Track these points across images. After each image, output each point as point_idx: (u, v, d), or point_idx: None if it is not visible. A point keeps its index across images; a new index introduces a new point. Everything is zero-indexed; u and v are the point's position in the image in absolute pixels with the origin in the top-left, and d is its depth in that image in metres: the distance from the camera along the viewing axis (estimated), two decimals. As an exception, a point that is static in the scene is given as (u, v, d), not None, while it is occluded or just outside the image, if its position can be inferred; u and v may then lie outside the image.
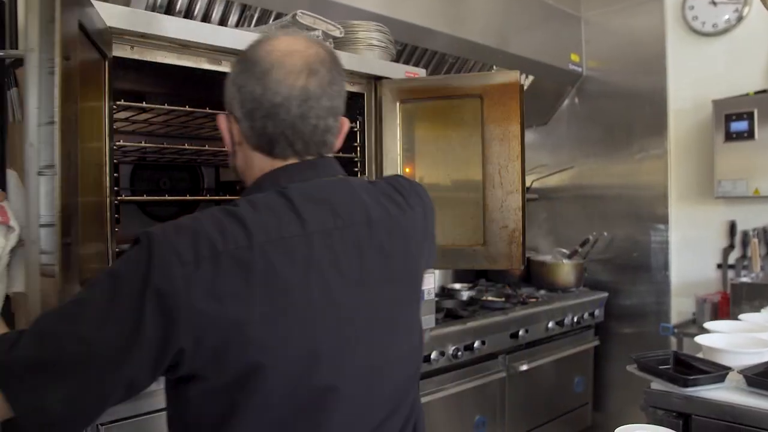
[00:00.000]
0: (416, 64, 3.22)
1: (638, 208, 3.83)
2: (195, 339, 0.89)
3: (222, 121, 1.13)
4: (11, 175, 1.24)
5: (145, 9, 2.06)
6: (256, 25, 2.45)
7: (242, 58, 1.09)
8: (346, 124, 1.17)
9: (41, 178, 1.03)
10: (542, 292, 3.74)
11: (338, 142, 1.17)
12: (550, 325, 3.38)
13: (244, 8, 2.43)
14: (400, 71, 2.33)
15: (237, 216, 0.96)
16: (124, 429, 1.64)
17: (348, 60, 2.15)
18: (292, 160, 1.09)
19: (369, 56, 2.28)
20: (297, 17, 1.92)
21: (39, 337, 0.90)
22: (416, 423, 1.19)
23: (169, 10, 2.23)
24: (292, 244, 0.97)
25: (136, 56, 1.71)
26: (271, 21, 2.42)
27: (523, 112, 2.23)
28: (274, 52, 1.05)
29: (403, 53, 3.16)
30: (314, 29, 1.99)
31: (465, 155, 2.29)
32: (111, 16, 1.61)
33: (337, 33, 2.05)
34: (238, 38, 1.87)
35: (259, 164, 1.10)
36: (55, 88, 1.04)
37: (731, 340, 1.99)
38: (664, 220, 3.73)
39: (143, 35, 1.70)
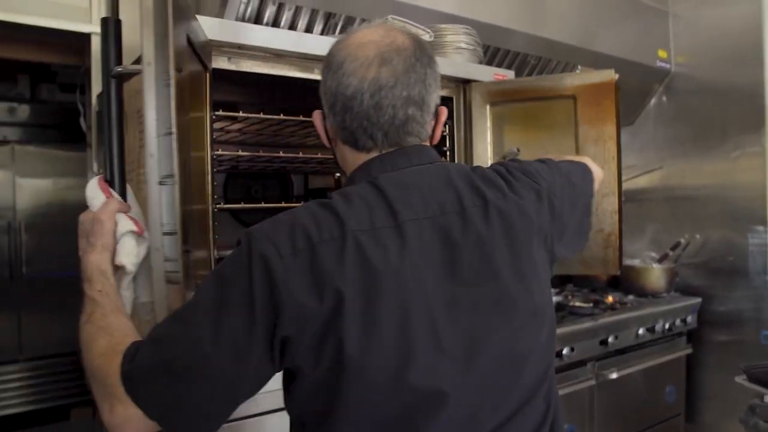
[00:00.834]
0: (499, 66, 3.18)
1: (734, 209, 3.65)
2: (298, 328, 0.91)
3: (316, 117, 1.15)
4: (128, 187, 1.29)
5: (235, 20, 2.11)
6: (340, 33, 2.47)
7: (326, 55, 1.12)
8: (443, 113, 1.17)
9: (162, 187, 1.06)
10: (631, 297, 3.62)
11: (435, 133, 1.17)
12: (641, 331, 3.26)
13: (328, 17, 2.45)
14: (488, 74, 2.30)
15: (331, 207, 0.97)
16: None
17: (439, 64, 2.14)
18: (376, 152, 1.09)
19: (458, 59, 2.26)
20: (388, 23, 1.92)
21: (156, 342, 0.94)
22: (553, 426, 1.14)
23: (257, 21, 2.28)
24: (384, 234, 0.96)
25: (233, 67, 1.75)
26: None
27: (619, 112, 2.16)
28: (348, 46, 1.07)
29: (486, 55, 3.13)
30: (404, 34, 1.99)
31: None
32: (209, 28, 1.65)
33: (427, 37, 2.05)
34: (324, 44, 1.88)
35: (350, 158, 1.11)
36: (171, 100, 1.07)
37: None
38: (763, 221, 3.54)
39: (240, 46, 1.74)
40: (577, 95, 2.19)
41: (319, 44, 1.86)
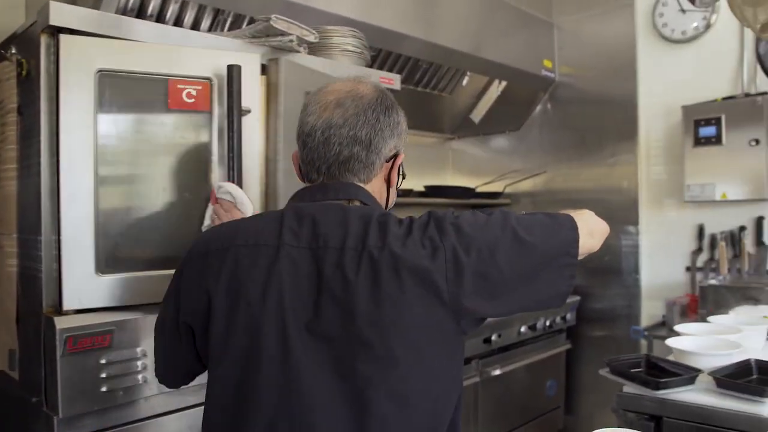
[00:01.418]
0: (390, 70, 3.23)
1: (609, 212, 3.80)
2: (191, 312, 1.15)
3: (294, 155, 1.30)
4: None
5: (116, 12, 2.03)
6: (229, 29, 2.43)
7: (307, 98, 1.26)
8: (399, 158, 1.28)
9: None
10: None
11: (391, 175, 1.28)
12: (523, 329, 3.39)
13: (217, 13, 2.41)
14: (374, 77, 2.33)
15: (239, 223, 1.21)
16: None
17: (321, 65, 2.14)
18: (315, 182, 1.22)
19: (344, 62, 2.27)
20: (271, 22, 1.91)
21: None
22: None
23: (140, 13, 2.20)
24: (261, 251, 1.10)
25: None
26: (244, 25, 2.40)
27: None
28: (318, 93, 1.22)
29: (378, 58, 3.16)
30: (288, 34, 1.97)
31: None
32: (78, 18, 1.58)
33: (311, 38, 2.04)
34: (210, 43, 1.85)
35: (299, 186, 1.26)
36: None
37: (701, 343, 2.02)
38: (635, 223, 3.78)
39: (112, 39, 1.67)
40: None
41: (205, 41, 1.83)
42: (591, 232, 1.27)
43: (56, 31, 1.55)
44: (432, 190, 4.01)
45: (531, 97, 4.18)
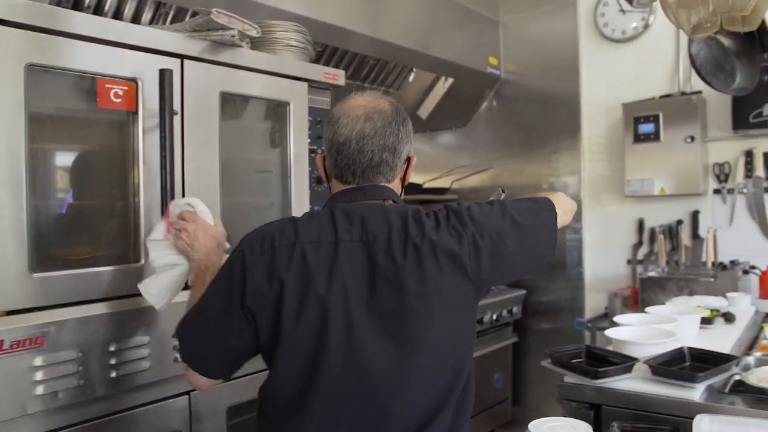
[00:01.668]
0: (337, 66, 3.22)
1: (554, 208, 3.94)
2: (259, 297, 1.32)
3: (319, 159, 1.56)
4: None
5: (50, 3, 1.96)
6: (171, 23, 2.39)
7: (329, 115, 1.51)
8: (413, 160, 1.55)
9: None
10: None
11: (406, 175, 1.55)
12: (471, 323, 3.42)
13: (158, 6, 2.36)
14: (318, 72, 2.31)
15: (295, 223, 1.38)
16: None
17: (265, 61, 2.12)
18: (351, 185, 1.45)
19: (287, 57, 2.25)
20: (212, 16, 1.88)
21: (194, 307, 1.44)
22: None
23: (77, 5, 2.14)
24: (324, 247, 1.34)
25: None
26: (187, 19, 2.36)
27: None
28: (344, 108, 1.46)
29: (324, 54, 3.15)
30: (230, 28, 1.94)
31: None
32: (9, 7, 1.52)
33: (253, 33, 2.01)
34: (150, 37, 1.80)
35: (335, 188, 1.49)
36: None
37: (638, 332, 2.08)
38: (578, 218, 3.87)
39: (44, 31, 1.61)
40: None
41: (146, 36, 1.78)
42: (564, 210, 1.59)
43: (-17, 21, 1.49)
44: (380, 187, 4.01)
45: (477, 94, 4.23)
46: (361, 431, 1.31)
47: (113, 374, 1.64)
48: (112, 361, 1.63)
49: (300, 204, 2.24)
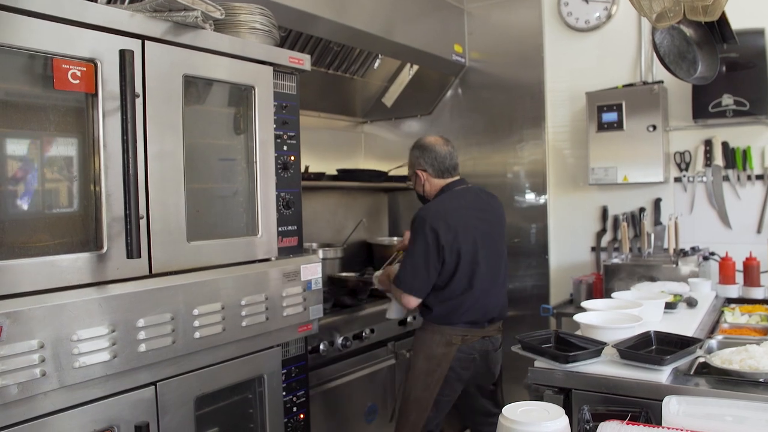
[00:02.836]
0: (301, 51, 3.16)
1: (519, 196, 3.98)
2: (446, 241, 2.60)
3: (419, 174, 2.80)
4: None
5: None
6: (130, 3, 2.31)
7: (419, 144, 2.84)
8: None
9: None
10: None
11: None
12: (438, 310, 3.43)
13: (115, -15, 2.28)
14: (283, 56, 2.26)
15: (443, 200, 2.72)
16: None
17: (230, 44, 2.07)
18: (449, 179, 2.79)
19: (251, 40, 2.20)
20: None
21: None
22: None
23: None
24: (460, 211, 2.67)
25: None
26: None
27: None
28: (431, 141, 2.81)
29: (288, 39, 3.10)
30: (192, 9, 1.88)
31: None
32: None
33: (217, 14, 1.96)
34: (111, 16, 1.73)
35: (438, 183, 2.78)
36: None
37: (605, 317, 2.10)
38: (543, 206, 3.90)
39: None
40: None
41: (105, 15, 1.71)
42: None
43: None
44: (344, 174, 3.99)
45: (442, 82, 4.22)
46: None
47: (77, 364, 1.58)
48: (75, 351, 1.57)
49: (266, 190, 2.19)
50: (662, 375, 1.70)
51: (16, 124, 1.64)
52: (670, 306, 2.43)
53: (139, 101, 1.77)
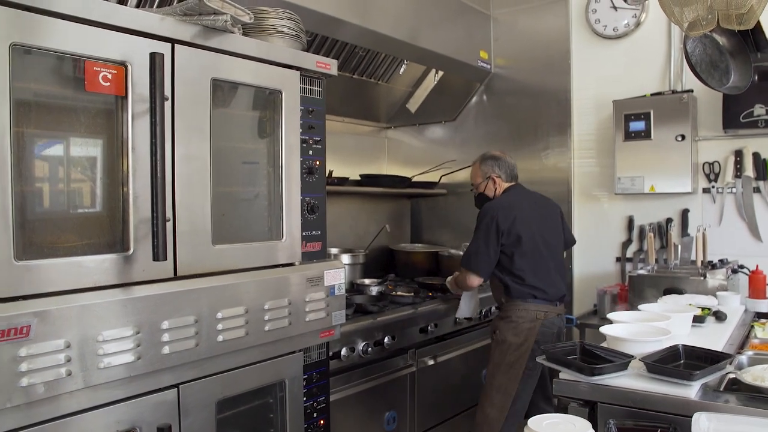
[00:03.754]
0: (326, 56, 3.16)
1: (543, 204, 3.93)
2: (505, 229, 2.93)
3: (494, 179, 3.13)
4: None
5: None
6: (159, 6, 2.33)
7: (491, 156, 3.20)
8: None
9: None
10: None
11: None
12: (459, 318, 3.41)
13: (144, -11, 2.30)
14: (310, 61, 2.27)
15: (505, 199, 3.07)
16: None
17: (258, 48, 2.07)
18: (513, 183, 3.16)
19: (279, 44, 2.20)
20: (204, 0, 1.83)
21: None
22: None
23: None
24: (519, 205, 3.02)
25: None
26: (174, 2, 2.30)
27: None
28: (500, 153, 3.23)
29: (314, 44, 3.11)
30: (222, 13, 1.89)
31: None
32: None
33: (246, 18, 1.96)
34: (137, 20, 1.74)
35: (503, 185, 3.14)
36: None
37: (632, 330, 2.07)
38: (568, 215, 3.86)
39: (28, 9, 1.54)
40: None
41: (135, 19, 1.72)
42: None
43: (-36, -2, 1.43)
44: (368, 179, 3.98)
45: (467, 88, 4.20)
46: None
47: (101, 365, 1.58)
48: (100, 352, 1.58)
49: (291, 194, 2.19)
50: (691, 390, 1.66)
51: (48, 126, 1.65)
52: (698, 319, 2.38)
53: (167, 104, 1.77)
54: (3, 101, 1.46)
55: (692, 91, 3.43)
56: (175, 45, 1.82)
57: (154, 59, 1.68)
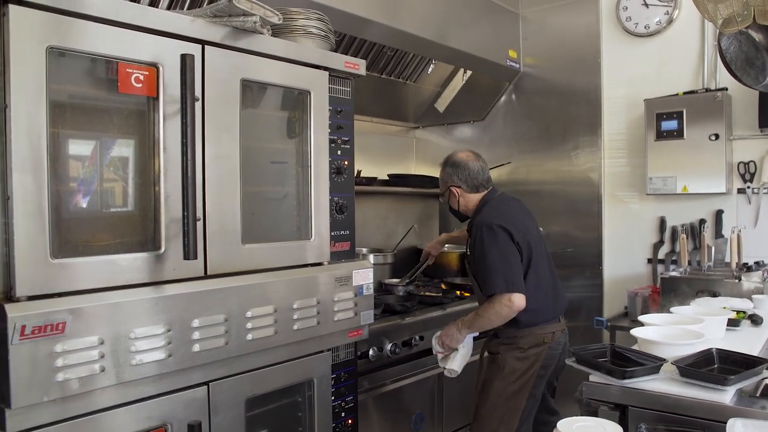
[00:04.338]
0: (355, 56, 3.17)
1: (572, 204, 3.90)
2: (518, 240, 2.56)
3: (454, 190, 2.75)
4: None
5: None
6: (189, 8, 2.35)
7: (451, 161, 2.77)
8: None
9: None
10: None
11: None
12: (486, 320, 3.38)
13: (174, -9, 2.33)
14: (339, 61, 2.27)
15: (510, 207, 2.74)
16: None
17: (287, 48, 2.08)
18: (484, 191, 2.75)
19: (308, 45, 2.21)
20: (234, 1, 1.84)
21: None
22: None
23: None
24: (514, 213, 2.69)
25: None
26: (204, 4, 2.33)
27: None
28: (463, 157, 2.76)
29: (342, 44, 3.11)
30: (251, 14, 1.91)
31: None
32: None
33: (275, 19, 1.97)
34: (168, 22, 1.76)
35: (474, 198, 2.75)
36: None
37: (664, 333, 2.03)
38: (598, 216, 3.81)
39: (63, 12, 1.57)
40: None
41: (166, 21, 1.74)
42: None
43: (4, 1, 1.46)
44: (396, 179, 3.98)
45: (496, 87, 4.17)
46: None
47: (134, 362, 1.61)
48: (132, 349, 1.60)
49: (319, 194, 2.20)
50: (726, 396, 1.63)
51: (82, 126, 1.68)
52: (732, 323, 2.33)
53: (198, 105, 1.79)
54: (40, 103, 1.49)
55: (726, 89, 3.36)
56: (206, 46, 1.85)
57: (185, 60, 1.70)
